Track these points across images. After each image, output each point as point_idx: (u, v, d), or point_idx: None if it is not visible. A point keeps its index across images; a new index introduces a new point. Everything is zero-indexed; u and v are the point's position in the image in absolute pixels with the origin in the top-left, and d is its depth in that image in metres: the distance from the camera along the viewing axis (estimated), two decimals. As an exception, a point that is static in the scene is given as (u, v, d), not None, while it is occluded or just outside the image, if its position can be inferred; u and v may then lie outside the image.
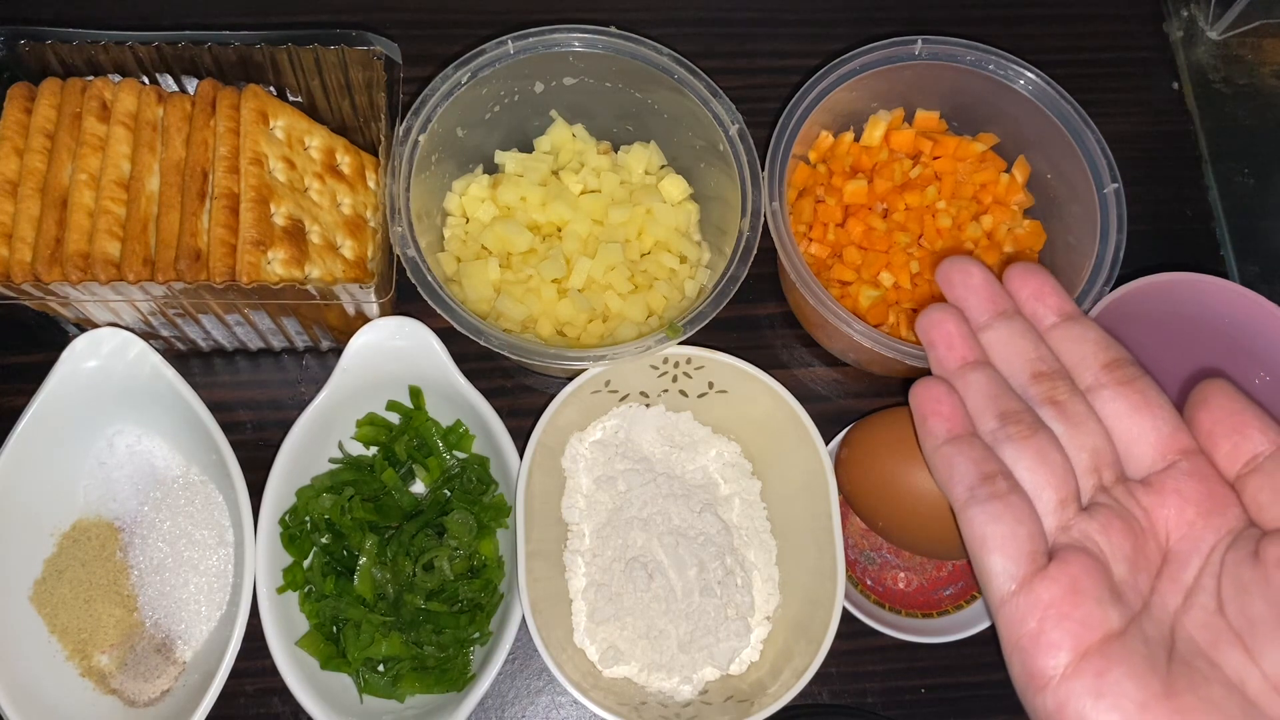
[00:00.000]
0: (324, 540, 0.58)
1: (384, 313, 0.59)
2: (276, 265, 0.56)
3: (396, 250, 0.57)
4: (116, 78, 0.59)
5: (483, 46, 0.61)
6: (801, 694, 0.53)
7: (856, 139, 0.69)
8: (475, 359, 0.61)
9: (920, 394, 0.43)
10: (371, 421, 0.61)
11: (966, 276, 0.44)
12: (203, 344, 0.64)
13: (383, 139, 0.58)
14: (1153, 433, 0.40)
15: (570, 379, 0.58)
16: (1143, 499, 0.39)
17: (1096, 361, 0.42)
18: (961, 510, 0.40)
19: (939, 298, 0.63)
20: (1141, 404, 0.41)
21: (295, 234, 0.57)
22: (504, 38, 0.61)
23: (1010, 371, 0.43)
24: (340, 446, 0.61)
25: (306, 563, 0.58)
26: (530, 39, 0.61)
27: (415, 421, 0.61)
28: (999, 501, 0.39)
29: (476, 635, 0.57)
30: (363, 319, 0.59)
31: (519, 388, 0.66)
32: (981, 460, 0.40)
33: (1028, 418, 0.41)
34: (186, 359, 0.65)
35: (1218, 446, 0.39)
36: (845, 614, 0.56)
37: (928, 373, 0.44)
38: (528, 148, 0.68)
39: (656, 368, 0.60)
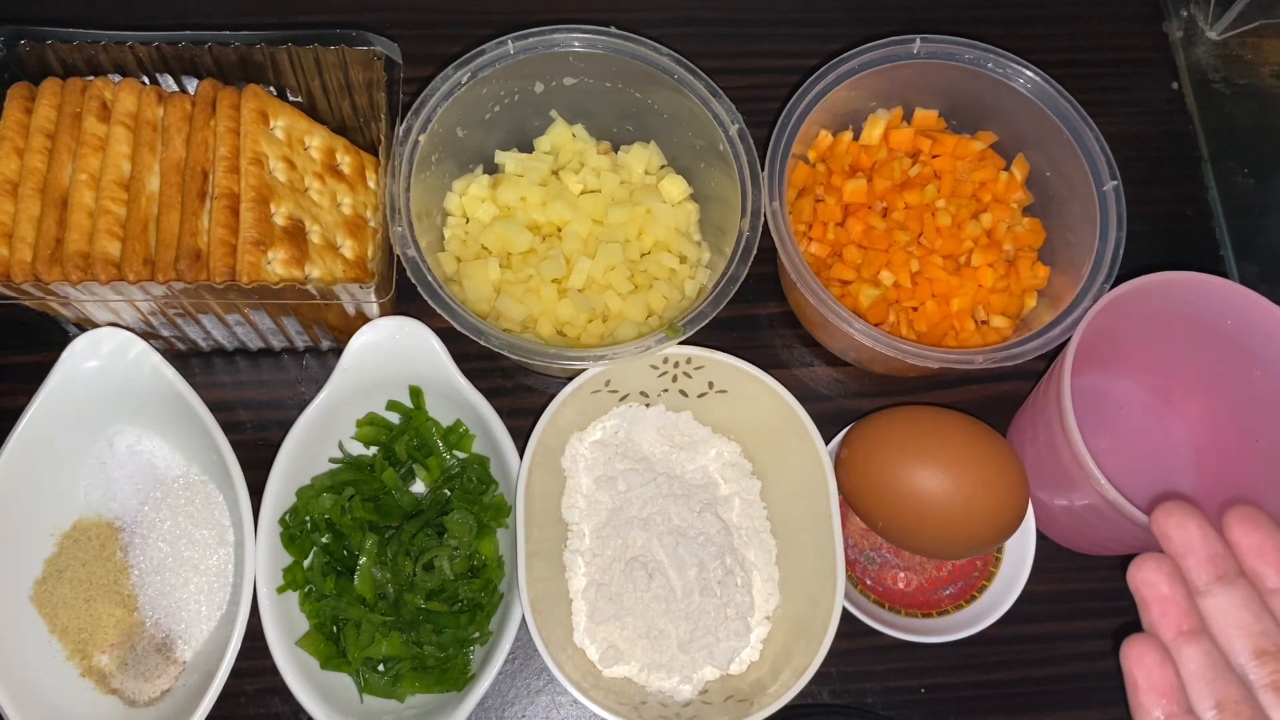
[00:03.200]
0: (324, 540, 0.58)
1: (384, 313, 0.59)
2: (276, 265, 0.56)
3: (396, 250, 0.57)
4: (116, 78, 0.59)
5: (483, 46, 0.61)
6: (801, 694, 0.53)
7: (856, 138, 0.69)
8: (475, 359, 0.61)
9: (1134, 657, 0.39)
10: (371, 421, 0.61)
11: (1184, 533, 0.40)
12: (203, 344, 0.64)
13: (383, 139, 0.58)
14: None
15: (570, 379, 0.58)
16: None
17: None
18: None
19: (939, 299, 0.64)
20: None
21: (295, 234, 0.57)
22: (504, 38, 0.61)
23: (1230, 647, 0.39)
24: (340, 446, 0.61)
25: (306, 562, 0.58)
26: (530, 39, 0.61)
27: (415, 421, 0.61)
28: None
29: (476, 635, 0.57)
30: (363, 319, 0.59)
31: (519, 388, 0.66)
32: None
33: (1246, 710, 0.37)
34: (186, 359, 0.65)
35: None
36: (845, 614, 0.56)
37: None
38: (528, 148, 0.68)
39: (656, 368, 0.60)
